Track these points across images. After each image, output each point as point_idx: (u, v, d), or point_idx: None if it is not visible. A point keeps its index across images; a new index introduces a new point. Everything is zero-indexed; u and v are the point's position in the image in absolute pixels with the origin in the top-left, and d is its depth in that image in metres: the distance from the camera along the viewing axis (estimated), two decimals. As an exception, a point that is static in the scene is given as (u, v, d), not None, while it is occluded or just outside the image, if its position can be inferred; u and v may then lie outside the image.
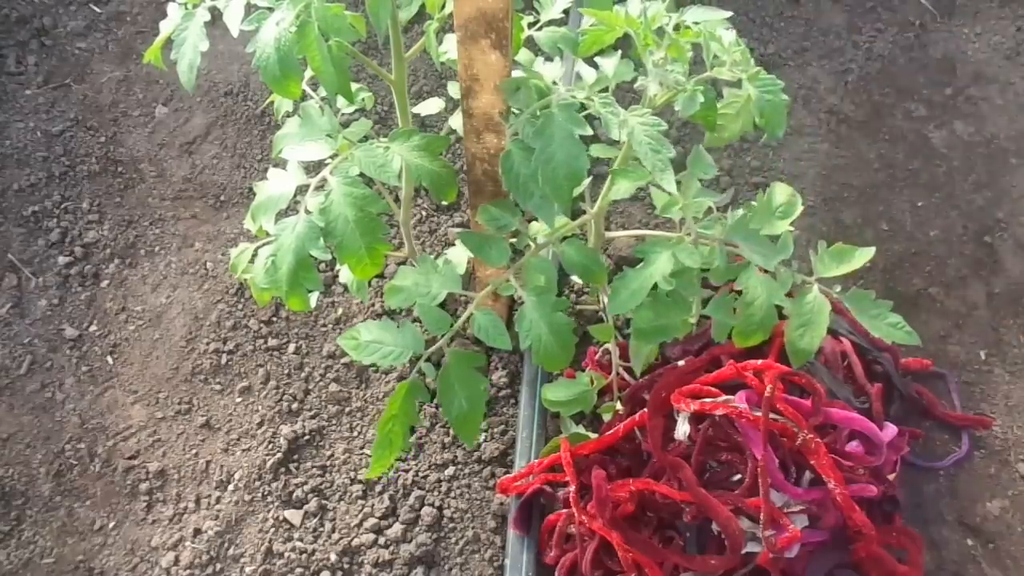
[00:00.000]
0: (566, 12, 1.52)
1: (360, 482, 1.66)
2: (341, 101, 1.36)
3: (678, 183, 1.21)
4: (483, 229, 1.43)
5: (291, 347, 1.81)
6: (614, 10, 1.26)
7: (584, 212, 1.56)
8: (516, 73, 1.31)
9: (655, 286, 1.25)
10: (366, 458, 1.69)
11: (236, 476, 1.67)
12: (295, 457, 1.69)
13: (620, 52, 1.46)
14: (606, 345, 1.63)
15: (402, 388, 1.28)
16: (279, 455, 1.67)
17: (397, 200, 1.61)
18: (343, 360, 1.79)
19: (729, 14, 1.29)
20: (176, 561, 1.59)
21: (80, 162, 2.08)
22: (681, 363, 1.53)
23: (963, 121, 2.12)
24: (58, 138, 2.11)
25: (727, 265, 1.28)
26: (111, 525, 1.64)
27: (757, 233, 1.31)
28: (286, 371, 1.79)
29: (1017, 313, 1.84)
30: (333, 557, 1.58)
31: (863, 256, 1.38)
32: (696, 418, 1.42)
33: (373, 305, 1.85)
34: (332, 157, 1.26)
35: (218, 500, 1.65)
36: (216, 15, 1.25)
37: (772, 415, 1.35)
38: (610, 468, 1.48)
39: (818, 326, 1.33)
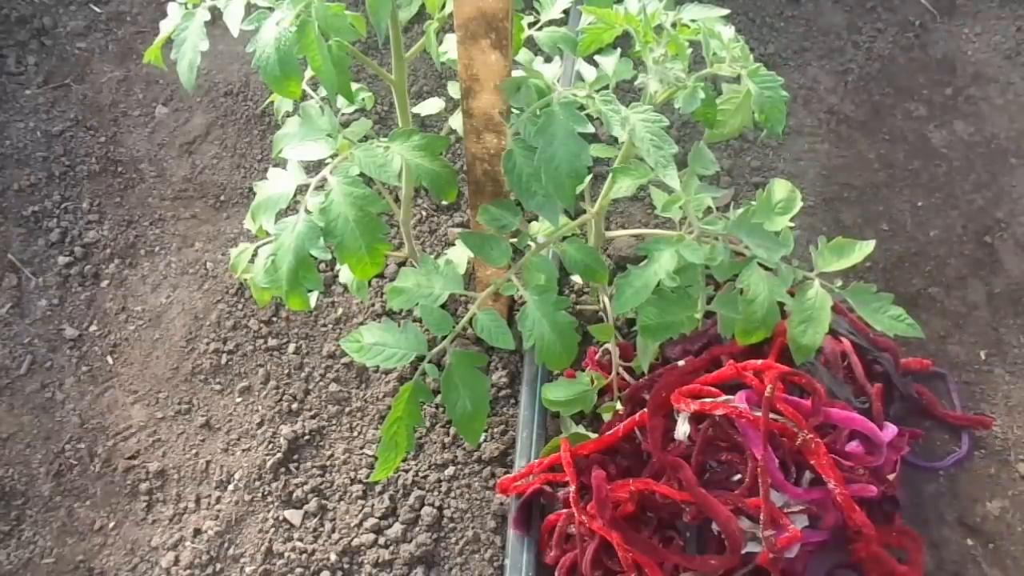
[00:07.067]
0: (566, 12, 1.52)
1: (360, 482, 1.66)
2: (341, 101, 1.36)
3: (680, 180, 1.21)
4: (483, 229, 1.43)
5: (291, 347, 1.81)
6: (613, 8, 1.26)
7: (584, 211, 1.56)
8: (516, 73, 1.31)
9: (659, 283, 1.25)
10: (366, 458, 1.68)
11: (236, 476, 1.67)
12: (295, 457, 1.69)
13: (619, 50, 1.46)
14: (606, 345, 1.63)
15: (406, 390, 1.28)
16: (279, 455, 1.67)
17: (397, 200, 1.61)
18: (343, 360, 1.79)
19: (726, 11, 1.29)
20: (176, 561, 1.59)
21: (80, 162, 2.08)
22: (681, 363, 1.53)
23: (963, 121, 2.12)
24: (58, 138, 2.11)
25: (730, 261, 1.28)
26: (111, 525, 1.64)
27: (760, 227, 1.31)
28: (286, 371, 1.79)
29: (1017, 313, 1.84)
30: (333, 557, 1.58)
31: (863, 250, 1.39)
32: (696, 418, 1.42)
33: (373, 305, 1.85)
34: (332, 157, 1.26)
35: (218, 500, 1.65)
36: (216, 15, 1.25)
37: (772, 415, 1.35)
38: (610, 468, 1.48)
39: (820, 322, 1.33)
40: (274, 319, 1.85)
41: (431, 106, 1.73)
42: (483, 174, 1.43)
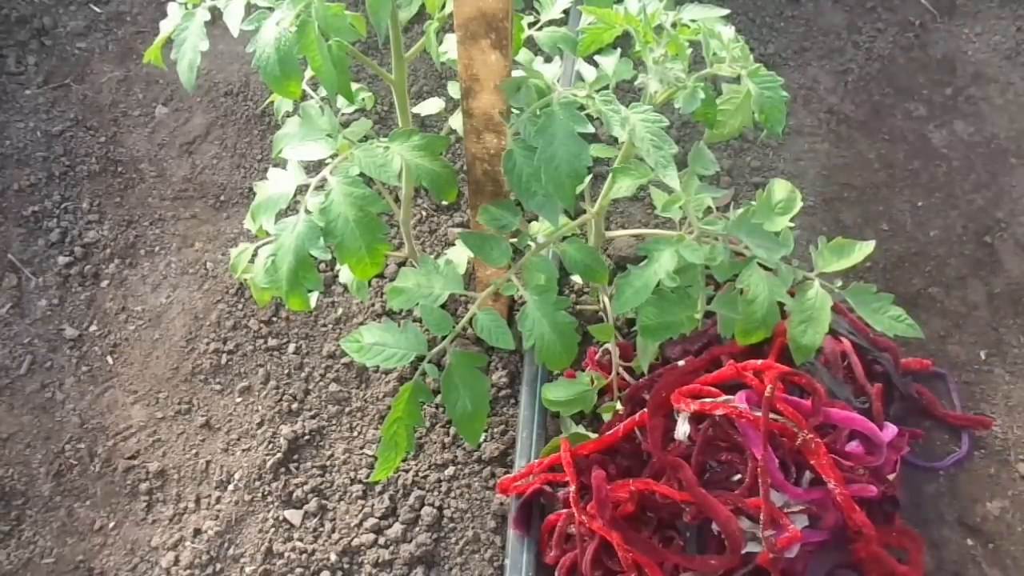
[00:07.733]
0: (566, 12, 1.52)
1: (360, 482, 1.66)
2: (341, 101, 1.36)
3: (680, 180, 1.21)
4: (483, 229, 1.43)
5: (291, 347, 1.81)
6: (613, 8, 1.26)
7: (584, 211, 1.56)
8: (516, 73, 1.31)
9: (659, 283, 1.25)
10: (366, 458, 1.68)
11: (236, 476, 1.67)
12: (295, 457, 1.69)
13: (619, 50, 1.46)
14: (606, 345, 1.63)
15: (406, 390, 1.28)
16: (279, 455, 1.67)
17: (397, 200, 1.61)
18: (343, 360, 1.79)
19: (726, 11, 1.29)
20: (176, 561, 1.59)
21: (80, 162, 2.08)
22: (681, 363, 1.53)
23: (963, 121, 2.12)
24: (58, 138, 2.11)
25: (730, 261, 1.28)
26: (111, 525, 1.64)
27: (759, 227, 1.31)
28: (286, 371, 1.79)
29: (1017, 313, 1.84)
30: (333, 557, 1.58)
31: (863, 250, 1.39)
32: (696, 418, 1.42)
33: (373, 305, 1.85)
34: (332, 157, 1.26)
35: (218, 500, 1.65)
36: (216, 15, 1.25)
37: (772, 415, 1.35)
38: (610, 468, 1.48)
39: (820, 322, 1.33)
40: (274, 319, 1.85)
41: (431, 106, 1.73)
42: (483, 174, 1.43)
